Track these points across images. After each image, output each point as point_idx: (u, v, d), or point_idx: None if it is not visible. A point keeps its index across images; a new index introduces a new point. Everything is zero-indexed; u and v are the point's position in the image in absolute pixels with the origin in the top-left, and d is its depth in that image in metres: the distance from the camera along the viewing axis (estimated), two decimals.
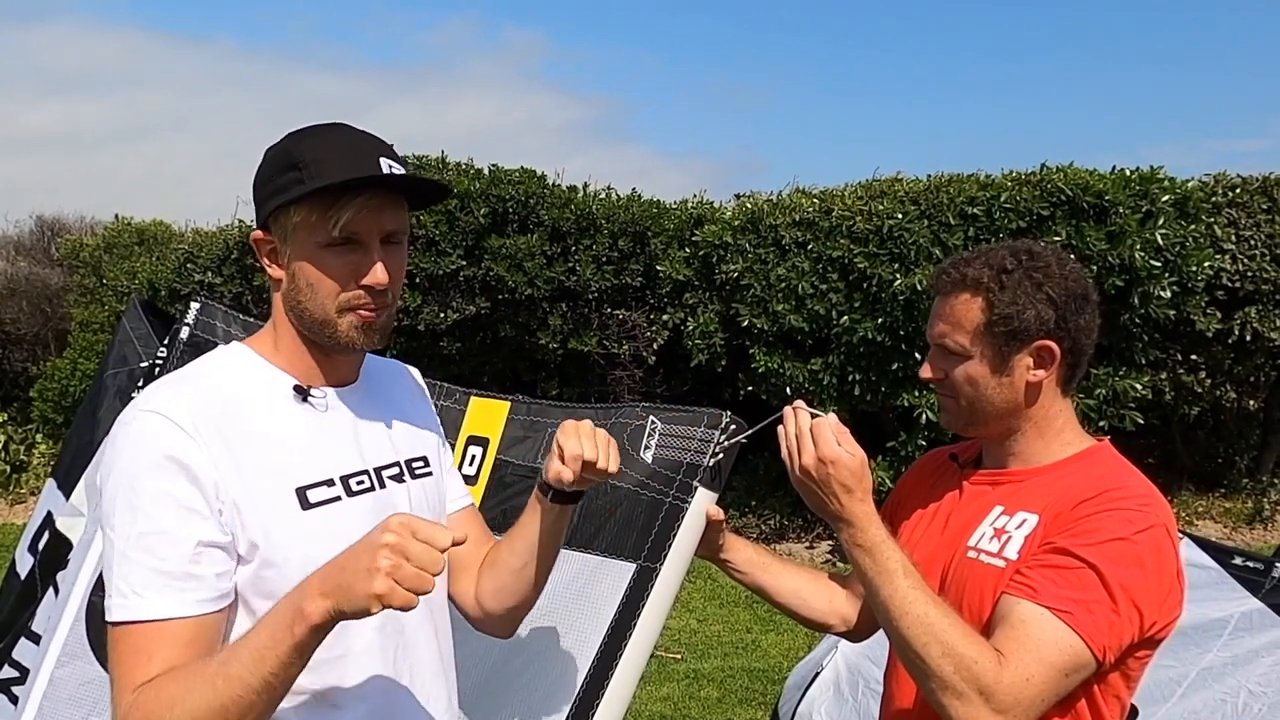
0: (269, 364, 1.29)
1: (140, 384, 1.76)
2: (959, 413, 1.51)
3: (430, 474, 1.42)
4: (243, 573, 1.19)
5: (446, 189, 1.35)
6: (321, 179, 1.18)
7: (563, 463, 1.33)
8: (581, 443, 1.32)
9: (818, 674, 3.61)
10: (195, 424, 1.17)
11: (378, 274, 1.22)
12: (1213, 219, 6.32)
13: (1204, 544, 2.58)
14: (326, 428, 1.28)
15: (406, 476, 1.36)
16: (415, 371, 1.55)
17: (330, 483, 1.25)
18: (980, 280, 1.44)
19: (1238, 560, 2.50)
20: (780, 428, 1.47)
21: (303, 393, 1.27)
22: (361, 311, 1.24)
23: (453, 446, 1.81)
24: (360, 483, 1.28)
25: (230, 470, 1.17)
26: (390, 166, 1.22)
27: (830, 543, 6.92)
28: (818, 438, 1.41)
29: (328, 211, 1.20)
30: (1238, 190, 6.56)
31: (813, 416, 1.44)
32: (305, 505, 1.22)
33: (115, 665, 1.12)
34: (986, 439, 1.56)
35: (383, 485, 1.31)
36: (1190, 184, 6.28)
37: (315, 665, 1.13)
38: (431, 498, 1.40)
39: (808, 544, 7.00)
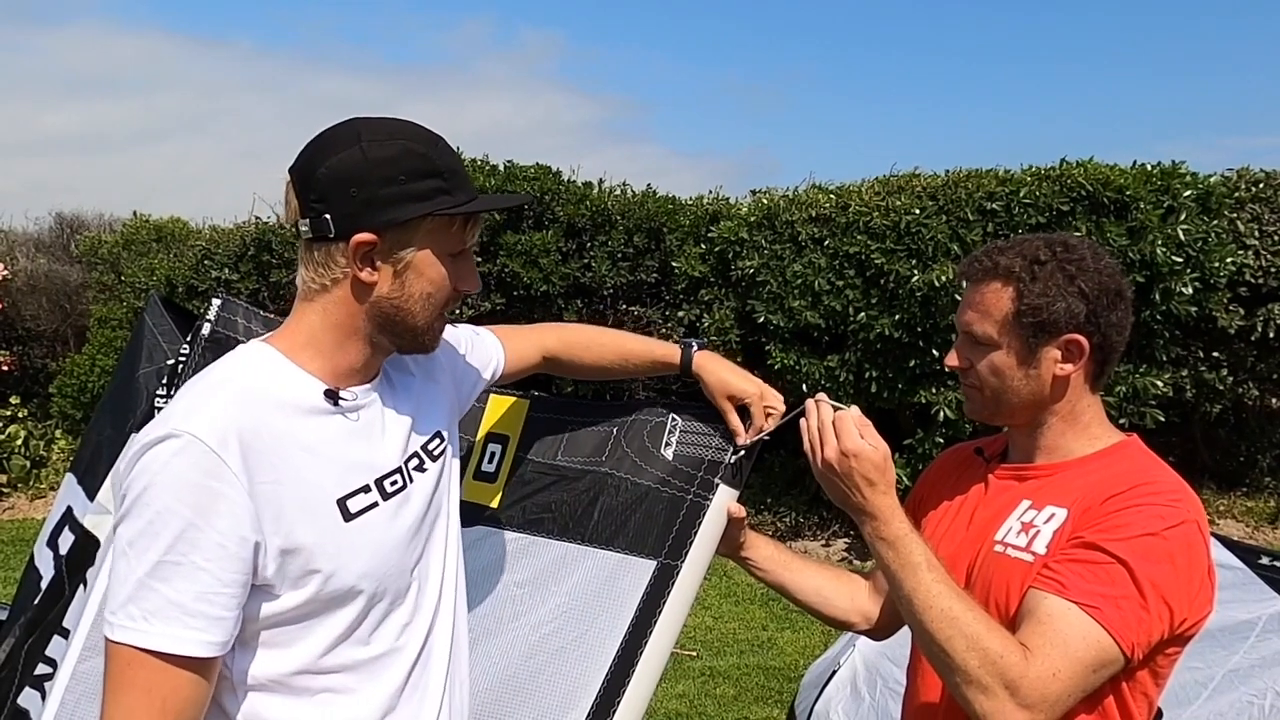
0: (296, 367, 1.23)
1: (164, 381, 1.76)
2: (983, 403, 1.50)
3: (445, 448, 1.39)
4: (291, 595, 1.16)
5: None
6: (469, 192, 1.23)
7: None
8: None
9: (835, 672, 3.58)
10: (232, 447, 1.11)
11: (477, 281, 1.29)
12: (1235, 214, 6.25)
13: (1230, 544, 2.56)
14: (359, 430, 1.25)
15: (426, 461, 1.34)
16: None
17: (367, 489, 1.23)
18: (1012, 269, 1.43)
19: (1264, 560, 2.47)
20: (802, 421, 1.46)
21: (334, 396, 1.23)
22: (446, 316, 1.29)
23: (473, 444, 1.80)
24: (394, 483, 1.27)
25: (269, 493, 1.13)
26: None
27: (846, 540, 6.89)
28: (840, 431, 1.41)
29: (467, 224, 1.25)
30: (1261, 185, 6.47)
31: (835, 409, 1.44)
32: (347, 517, 1.20)
33: (117, 690, 1.08)
34: (1012, 429, 1.54)
35: (410, 480, 1.30)
36: (1212, 179, 6.20)
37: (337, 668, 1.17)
38: (448, 474, 1.38)
39: (824, 541, 6.97)
